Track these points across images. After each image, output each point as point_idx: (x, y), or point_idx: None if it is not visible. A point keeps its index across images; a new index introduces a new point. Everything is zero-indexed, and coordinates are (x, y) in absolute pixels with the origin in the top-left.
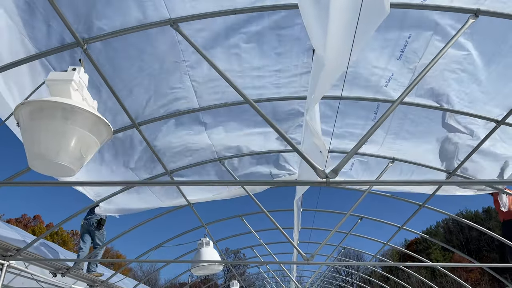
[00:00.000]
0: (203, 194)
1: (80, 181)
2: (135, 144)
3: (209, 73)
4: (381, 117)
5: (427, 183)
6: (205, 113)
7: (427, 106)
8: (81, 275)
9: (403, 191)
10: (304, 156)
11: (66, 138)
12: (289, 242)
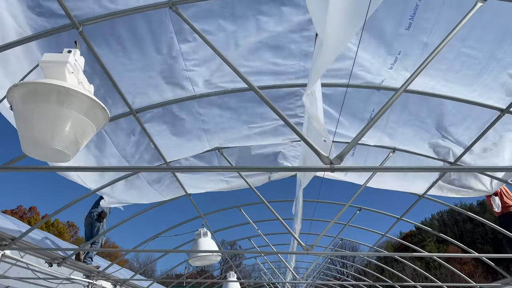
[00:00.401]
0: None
1: (75, 166)
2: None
3: (209, 59)
4: (387, 102)
5: (431, 170)
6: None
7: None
8: (77, 265)
9: (399, 190)
10: (308, 141)
11: (61, 122)
12: (289, 232)
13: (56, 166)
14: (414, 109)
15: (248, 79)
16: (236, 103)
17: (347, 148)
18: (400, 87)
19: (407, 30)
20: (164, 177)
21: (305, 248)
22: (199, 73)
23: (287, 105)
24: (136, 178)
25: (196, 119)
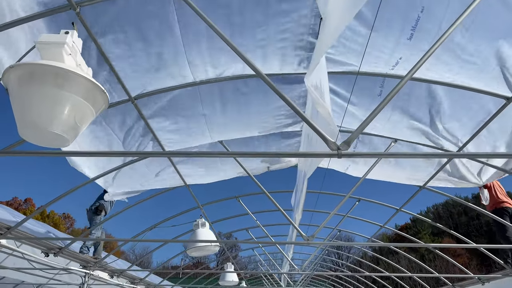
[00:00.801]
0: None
1: (73, 151)
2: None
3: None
4: (394, 89)
5: (437, 156)
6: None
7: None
8: (74, 255)
9: (399, 182)
10: (314, 126)
11: (60, 105)
12: (289, 222)
13: (55, 151)
14: (416, 100)
15: (253, 64)
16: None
17: (354, 133)
18: (407, 74)
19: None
20: (166, 168)
21: (305, 238)
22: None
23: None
24: (136, 167)
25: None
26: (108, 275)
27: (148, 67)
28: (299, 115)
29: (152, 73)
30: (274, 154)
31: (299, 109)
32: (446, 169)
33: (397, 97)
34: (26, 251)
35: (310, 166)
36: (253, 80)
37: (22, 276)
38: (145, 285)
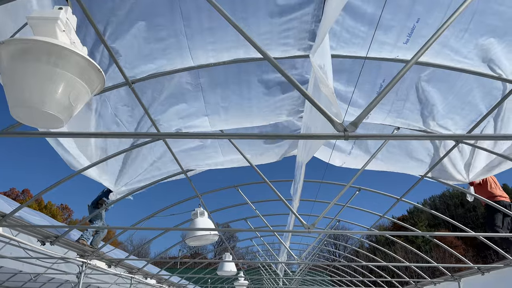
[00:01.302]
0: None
1: (64, 132)
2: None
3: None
4: (399, 73)
5: (448, 137)
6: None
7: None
8: (71, 244)
9: (396, 170)
10: (319, 106)
11: (53, 83)
12: (290, 210)
13: (46, 131)
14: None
15: (256, 43)
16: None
17: (362, 114)
18: (412, 58)
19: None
20: (164, 156)
21: (306, 226)
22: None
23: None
24: (134, 156)
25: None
26: (105, 264)
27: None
28: (303, 95)
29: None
30: (276, 136)
31: (303, 89)
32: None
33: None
34: (22, 240)
35: (308, 151)
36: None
37: (20, 265)
38: (142, 275)
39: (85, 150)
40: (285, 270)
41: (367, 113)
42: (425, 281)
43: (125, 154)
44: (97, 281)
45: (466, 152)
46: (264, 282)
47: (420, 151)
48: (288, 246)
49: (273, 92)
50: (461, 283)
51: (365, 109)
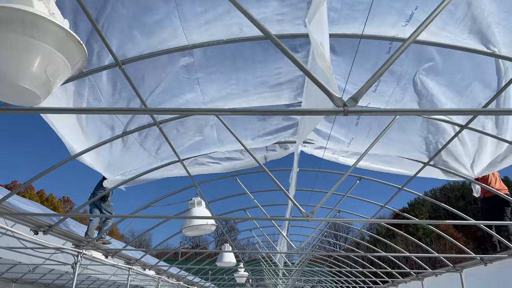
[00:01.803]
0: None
1: (46, 107)
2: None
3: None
4: (398, 49)
5: (461, 112)
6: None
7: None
8: (65, 233)
9: (391, 171)
10: (317, 80)
11: (28, 54)
12: (288, 198)
13: (26, 107)
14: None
15: (253, 17)
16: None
17: (363, 88)
18: (410, 36)
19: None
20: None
21: (305, 214)
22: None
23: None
24: (127, 142)
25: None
26: (102, 255)
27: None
28: (301, 70)
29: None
30: (272, 112)
31: (302, 63)
32: (440, 159)
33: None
34: (17, 231)
35: (304, 130)
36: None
37: (18, 256)
38: (141, 266)
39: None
40: (285, 262)
41: (368, 88)
42: (427, 272)
43: (120, 143)
44: (96, 272)
45: (469, 149)
46: (265, 273)
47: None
48: (287, 236)
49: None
50: (463, 274)
51: (366, 83)
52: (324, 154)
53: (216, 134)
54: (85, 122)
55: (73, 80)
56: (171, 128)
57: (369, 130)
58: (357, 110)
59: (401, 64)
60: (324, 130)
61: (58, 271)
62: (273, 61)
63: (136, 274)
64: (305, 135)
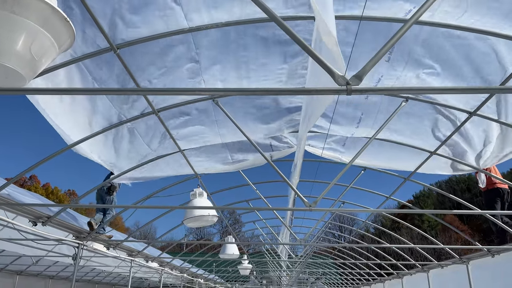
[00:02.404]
0: (212, 164)
1: (33, 88)
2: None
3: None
4: (401, 28)
5: (476, 90)
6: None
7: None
8: (65, 224)
9: (391, 168)
10: (318, 57)
11: (10, 31)
12: (290, 187)
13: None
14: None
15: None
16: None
17: (367, 65)
18: (411, 17)
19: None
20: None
21: (307, 204)
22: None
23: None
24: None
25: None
26: (104, 246)
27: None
28: (303, 48)
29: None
30: (275, 91)
31: (303, 41)
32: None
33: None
34: (18, 223)
35: (311, 117)
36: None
37: (20, 249)
38: (143, 258)
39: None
40: (289, 255)
41: (372, 66)
42: (432, 264)
43: (126, 140)
44: (100, 264)
45: (475, 141)
46: (269, 265)
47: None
48: (289, 226)
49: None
50: (469, 266)
51: (370, 61)
52: (327, 154)
53: (217, 128)
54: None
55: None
56: (169, 116)
57: (377, 112)
58: (361, 88)
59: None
60: (325, 126)
61: (62, 263)
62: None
63: (139, 266)
64: (312, 123)
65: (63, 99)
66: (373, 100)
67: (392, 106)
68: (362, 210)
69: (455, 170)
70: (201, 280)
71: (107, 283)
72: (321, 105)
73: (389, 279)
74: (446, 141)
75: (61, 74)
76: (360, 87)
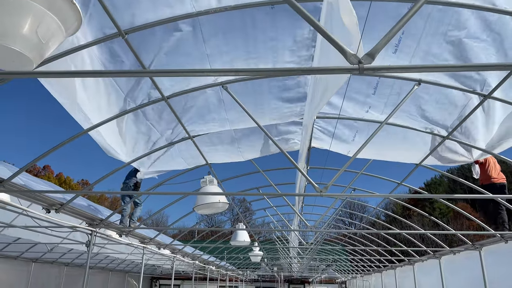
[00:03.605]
0: (227, 156)
1: (42, 71)
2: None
3: None
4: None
5: (496, 67)
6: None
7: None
8: (77, 211)
9: (393, 160)
10: (330, 36)
11: (16, 15)
12: (299, 171)
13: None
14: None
15: None
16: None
17: (380, 43)
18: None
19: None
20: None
21: (318, 190)
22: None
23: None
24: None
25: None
26: (116, 233)
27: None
28: (314, 27)
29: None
30: (285, 71)
31: (314, 19)
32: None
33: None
34: (32, 210)
35: (321, 99)
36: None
37: (35, 236)
38: (155, 245)
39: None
40: (300, 242)
41: (385, 43)
42: (444, 250)
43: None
44: (113, 251)
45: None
46: (279, 252)
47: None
48: (300, 213)
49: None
50: (482, 252)
51: (383, 38)
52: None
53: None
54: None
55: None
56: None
57: (388, 98)
58: (374, 67)
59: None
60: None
61: (77, 250)
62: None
63: (151, 254)
64: (320, 107)
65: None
66: (386, 90)
67: (405, 91)
68: (372, 195)
69: (449, 161)
70: (213, 267)
71: (121, 270)
72: (331, 87)
73: (400, 266)
74: (460, 125)
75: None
76: (372, 65)
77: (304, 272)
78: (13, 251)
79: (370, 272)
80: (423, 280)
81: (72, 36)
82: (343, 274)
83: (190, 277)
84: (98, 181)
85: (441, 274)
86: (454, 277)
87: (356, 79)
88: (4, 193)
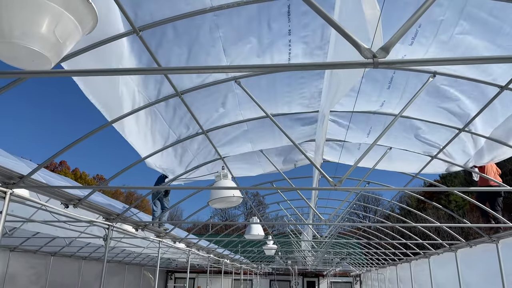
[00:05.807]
0: (251, 171)
1: (56, 70)
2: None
3: None
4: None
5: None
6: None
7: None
8: (95, 206)
9: (396, 170)
10: (344, 31)
11: (35, 13)
12: (313, 166)
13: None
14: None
15: None
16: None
17: (395, 36)
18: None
19: None
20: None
21: (332, 183)
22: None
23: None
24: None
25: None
26: (132, 228)
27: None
28: (327, 21)
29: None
30: (296, 66)
31: (327, 14)
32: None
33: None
34: (51, 205)
35: (336, 93)
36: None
37: (54, 230)
38: (171, 239)
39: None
40: (314, 235)
41: (399, 37)
42: (461, 243)
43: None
44: (130, 245)
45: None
46: (293, 246)
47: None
48: (314, 207)
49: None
50: (499, 245)
51: (399, 31)
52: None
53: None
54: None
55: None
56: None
57: (403, 90)
58: (389, 61)
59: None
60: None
61: (94, 244)
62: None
63: (167, 247)
64: (336, 101)
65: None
66: (401, 82)
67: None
68: (387, 188)
69: (449, 168)
70: (227, 261)
71: (137, 264)
72: (347, 82)
73: (416, 259)
74: (476, 117)
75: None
76: (387, 59)
77: (318, 265)
78: (32, 245)
79: (385, 265)
80: (438, 273)
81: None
82: (357, 267)
83: (205, 270)
84: (114, 176)
85: (457, 267)
86: (471, 270)
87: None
88: (24, 189)
